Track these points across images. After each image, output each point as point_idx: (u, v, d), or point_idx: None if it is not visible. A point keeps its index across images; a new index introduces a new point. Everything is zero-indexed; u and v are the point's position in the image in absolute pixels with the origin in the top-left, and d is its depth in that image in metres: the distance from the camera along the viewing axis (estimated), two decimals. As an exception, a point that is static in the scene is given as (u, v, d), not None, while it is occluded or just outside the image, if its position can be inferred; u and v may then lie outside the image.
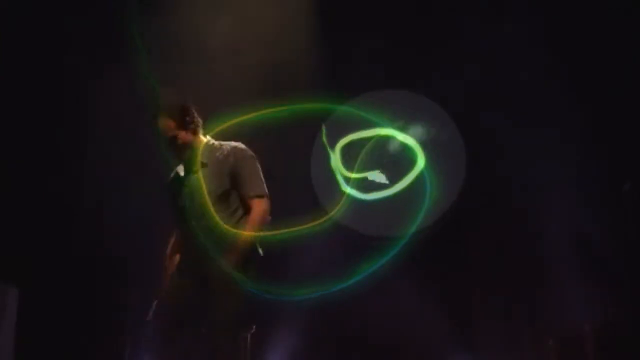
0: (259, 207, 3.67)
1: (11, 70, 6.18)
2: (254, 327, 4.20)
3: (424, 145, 5.85)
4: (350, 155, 5.89)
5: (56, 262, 6.23)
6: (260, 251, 3.74)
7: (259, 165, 3.79)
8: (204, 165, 3.71)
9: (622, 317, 5.54)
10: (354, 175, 5.80)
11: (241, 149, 3.78)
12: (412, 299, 6.66)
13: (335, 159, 5.98)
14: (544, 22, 6.42)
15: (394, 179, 5.88)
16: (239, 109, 4.41)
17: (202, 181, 3.64)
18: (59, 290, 6.23)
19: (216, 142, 3.83)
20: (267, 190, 3.76)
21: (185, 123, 3.72)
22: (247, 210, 3.72)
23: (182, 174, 3.78)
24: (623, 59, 6.23)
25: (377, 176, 5.90)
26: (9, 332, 5.69)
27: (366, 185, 5.88)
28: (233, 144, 3.82)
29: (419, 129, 6.10)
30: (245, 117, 4.44)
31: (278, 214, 3.88)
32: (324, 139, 5.91)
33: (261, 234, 3.68)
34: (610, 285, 5.80)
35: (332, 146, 5.93)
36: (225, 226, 3.62)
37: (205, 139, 3.84)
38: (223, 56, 6.54)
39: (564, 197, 6.34)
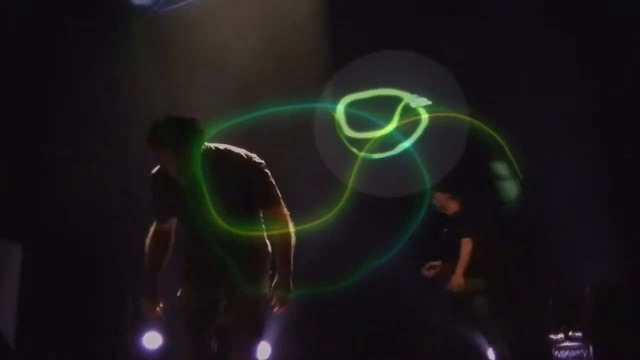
0: (284, 209, 3.58)
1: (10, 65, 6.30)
2: None
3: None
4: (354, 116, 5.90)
5: (58, 218, 6.29)
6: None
7: (269, 173, 3.59)
8: (211, 177, 3.46)
9: (621, 280, 5.63)
10: (378, 134, 5.81)
11: (249, 161, 3.55)
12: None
13: (339, 117, 5.99)
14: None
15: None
16: (243, 108, 4.40)
17: (206, 196, 3.43)
18: (61, 245, 6.31)
19: (214, 148, 3.53)
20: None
21: (187, 138, 3.40)
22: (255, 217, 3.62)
23: (181, 182, 3.50)
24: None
25: (416, 101, 5.91)
26: (12, 285, 5.78)
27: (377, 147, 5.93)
28: (239, 154, 3.56)
29: None
30: (248, 116, 4.38)
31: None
32: (327, 92, 5.91)
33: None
34: (610, 248, 5.84)
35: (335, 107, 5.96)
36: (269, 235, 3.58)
37: (204, 145, 3.52)
38: (228, 56, 6.56)
39: (564, 166, 6.38)
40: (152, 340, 6.50)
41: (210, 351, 3.65)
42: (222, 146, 3.59)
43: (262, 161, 3.61)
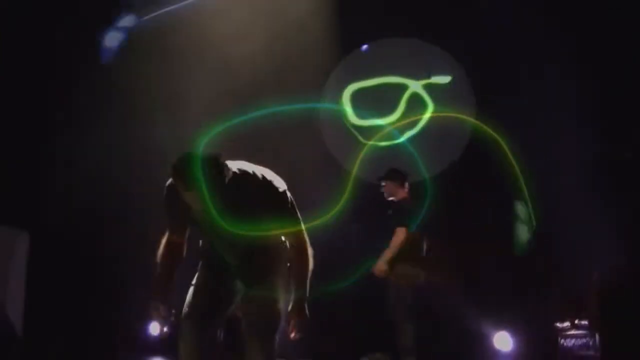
0: (304, 235, 3.57)
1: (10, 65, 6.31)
2: None
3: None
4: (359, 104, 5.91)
5: (58, 218, 6.30)
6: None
7: (291, 196, 3.53)
8: (222, 194, 3.35)
9: (621, 280, 5.64)
10: (385, 122, 5.81)
11: (268, 185, 3.47)
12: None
13: (344, 106, 6.00)
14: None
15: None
16: (244, 108, 4.39)
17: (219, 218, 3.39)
18: (61, 245, 6.32)
19: (231, 170, 3.38)
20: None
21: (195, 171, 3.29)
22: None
23: (197, 205, 3.40)
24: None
25: (440, 79, 5.90)
26: (19, 273, 5.79)
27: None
28: (255, 176, 3.48)
29: None
30: (248, 116, 4.38)
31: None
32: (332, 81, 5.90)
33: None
34: (610, 248, 5.85)
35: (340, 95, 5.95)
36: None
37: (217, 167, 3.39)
38: (228, 56, 6.57)
39: (564, 166, 6.39)
40: (157, 328, 6.54)
41: (217, 341, 3.73)
42: (240, 166, 3.49)
43: (283, 185, 3.51)
